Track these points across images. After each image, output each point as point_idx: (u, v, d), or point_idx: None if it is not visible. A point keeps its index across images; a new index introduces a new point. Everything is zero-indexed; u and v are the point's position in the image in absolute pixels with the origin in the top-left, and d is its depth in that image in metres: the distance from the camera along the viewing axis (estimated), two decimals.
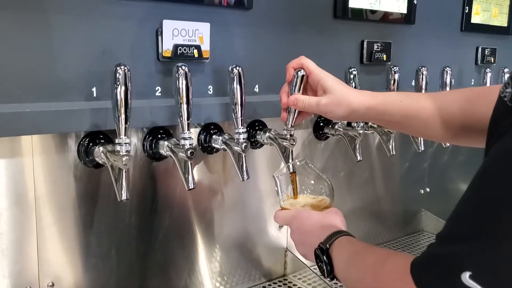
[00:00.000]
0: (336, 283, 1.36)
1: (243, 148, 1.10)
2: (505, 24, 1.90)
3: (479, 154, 2.02)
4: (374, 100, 1.04)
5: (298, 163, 1.08)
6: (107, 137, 1.05)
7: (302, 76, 1.09)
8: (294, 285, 1.44)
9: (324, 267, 0.89)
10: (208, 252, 1.30)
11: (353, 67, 1.35)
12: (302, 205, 1.05)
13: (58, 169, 1.03)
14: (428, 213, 1.86)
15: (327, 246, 0.89)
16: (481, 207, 0.59)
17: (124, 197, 0.96)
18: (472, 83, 1.84)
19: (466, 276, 0.56)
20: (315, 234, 0.94)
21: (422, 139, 1.51)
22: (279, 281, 1.46)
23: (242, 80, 1.10)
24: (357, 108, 1.03)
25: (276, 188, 1.07)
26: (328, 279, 0.91)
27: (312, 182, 1.08)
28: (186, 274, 1.27)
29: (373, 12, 1.46)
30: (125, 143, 0.95)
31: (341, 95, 1.04)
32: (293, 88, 1.09)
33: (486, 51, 1.85)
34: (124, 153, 0.94)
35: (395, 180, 1.77)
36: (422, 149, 1.51)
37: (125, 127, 0.94)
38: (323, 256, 0.89)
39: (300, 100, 1.08)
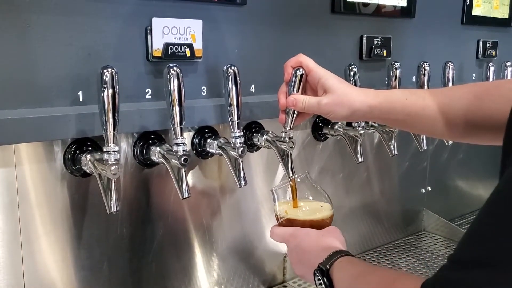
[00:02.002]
0: None
1: (240, 153, 1.04)
2: (507, 16, 1.84)
3: (479, 151, 1.97)
4: (378, 98, 0.98)
5: (298, 179, 1.02)
6: (95, 144, 0.99)
7: (301, 75, 1.03)
8: None
9: None
10: (205, 260, 1.25)
11: (353, 64, 1.30)
12: (299, 211, 1.00)
13: (43, 179, 0.97)
14: (430, 212, 1.81)
15: (327, 267, 0.85)
16: (501, 232, 0.55)
17: (114, 209, 0.90)
18: (474, 78, 1.79)
19: None
20: (314, 254, 0.89)
21: (424, 137, 1.46)
22: None
23: (238, 80, 1.04)
24: (360, 107, 0.98)
25: (273, 203, 1.01)
26: None
27: (311, 198, 1.02)
28: (182, 284, 1.21)
29: (372, 6, 1.40)
30: (114, 151, 0.89)
31: (343, 94, 0.98)
32: (292, 88, 1.03)
33: (487, 44, 1.80)
34: (113, 162, 0.88)
35: (395, 180, 1.71)
36: (425, 147, 1.46)
37: (114, 134, 0.88)
38: (323, 278, 0.84)
39: (300, 100, 1.02)
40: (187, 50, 1.05)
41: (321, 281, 0.85)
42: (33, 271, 0.98)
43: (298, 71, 1.03)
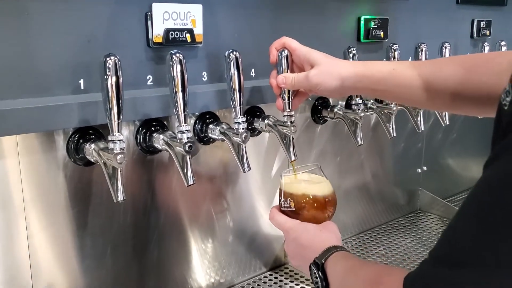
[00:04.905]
0: None
1: (244, 138, 1.04)
2: None
3: (473, 131, 1.99)
4: (365, 67, 1.00)
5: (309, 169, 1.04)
6: (98, 132, 0.98)
7: (287, 55, 1.06)
8: (295, 273, 1.40)
9: (320, 283, 0.88)
10: (207, 245, 1.25)
11: (352, 47, 1.29)
12: (296, 176, 1.04)
13: (46, 169, 0.96)
14: (425, 191, 1.84)
15: (323, 261, 0.88)
16: (478, 233, 0.56)
17: (120, 198, 0.89)
18: None
19: None
20: (311, 249, 0.92)
21: (422, 118, 1.47)
22: (280, 270, 1.42)
23: (240, 66, 1.03)
24: (348, 75, 0.99)
25: (279, 188, 1.03)
26: None
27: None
28: (185, 269, 1.22)
29: None
30: (119, 140, 0.88)
31: (330, 65, 1.01)
32: (281, 69, 1.07)
33: (482, 24, 1.80)
34: (119, 151, 0.87)
35: (392, 160, 1.73)
36: (422, 129, 1.47)
37: (118, 123, 0.87)
38: (318, 272, 0.88)
39: (289, 77, 1.04)
40: (188, 35, 1.04)
41: (316, 275, 0.88)
42: (38, 262, 0.98)
43: (283, 52, 1.06)
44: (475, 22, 1.78)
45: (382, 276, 0.75)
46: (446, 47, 1.50)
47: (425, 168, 1.83)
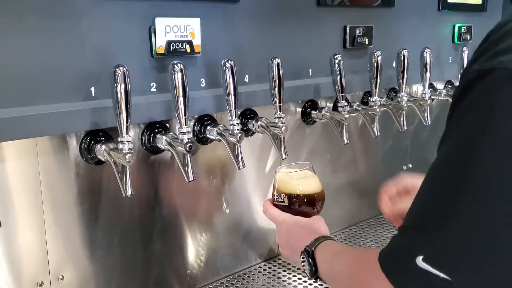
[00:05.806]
0: None
1: (238, 139, 1.15)
2: (480, 2, 1.95)
3: None
4: None
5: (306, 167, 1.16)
6: (107, 134, 1.08)
7: (278, 63, 1.21)
8: (288, 263, 1.50)
9: (309, 268, 0.99)
10: (206, 237, 1.36)
11: (337, 54, 1.39)
12: (289, 174, 1.14)
13: (62, 168, 1.07)
14: None
15: (313, 248, 0.99)
16: (427, 204, 0.71)
17: (129, 192, 1.00)
18: (450, 61, 1.90)
19: (419, 260, 0.67)
20: (302, 239, 1.04)
21: (404, 119, 1.57)
22: (274, 261, 1.52)
23: (235, 73, 1.14)
24: None
25: (273, 183, 1.14)
26: (313, 280, 1.02)
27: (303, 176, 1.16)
28: (186, 258, 1.33)
29: None
30: (128, 141, 0.99)
31: None
32: (272, 76, 1.22)
33: (463, 29, 1.90)
34: (127, 151, 0.98)
35: (379, 158, 1.83)
36: (405, 128, 1.57)
37: (127, 126, 0.98)
38: (308, 258, 0.99)
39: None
40: (187, 46, 1.14)
41: (306, 261, 0.99)
42: (55, 252, 1.09)
43: (274, 60, 1.21)
44: (456, 28, 1.89)
45: (362, 255, 0.88)
46: (427, 52, 1.60)
47: (410, 165, 1.94)
